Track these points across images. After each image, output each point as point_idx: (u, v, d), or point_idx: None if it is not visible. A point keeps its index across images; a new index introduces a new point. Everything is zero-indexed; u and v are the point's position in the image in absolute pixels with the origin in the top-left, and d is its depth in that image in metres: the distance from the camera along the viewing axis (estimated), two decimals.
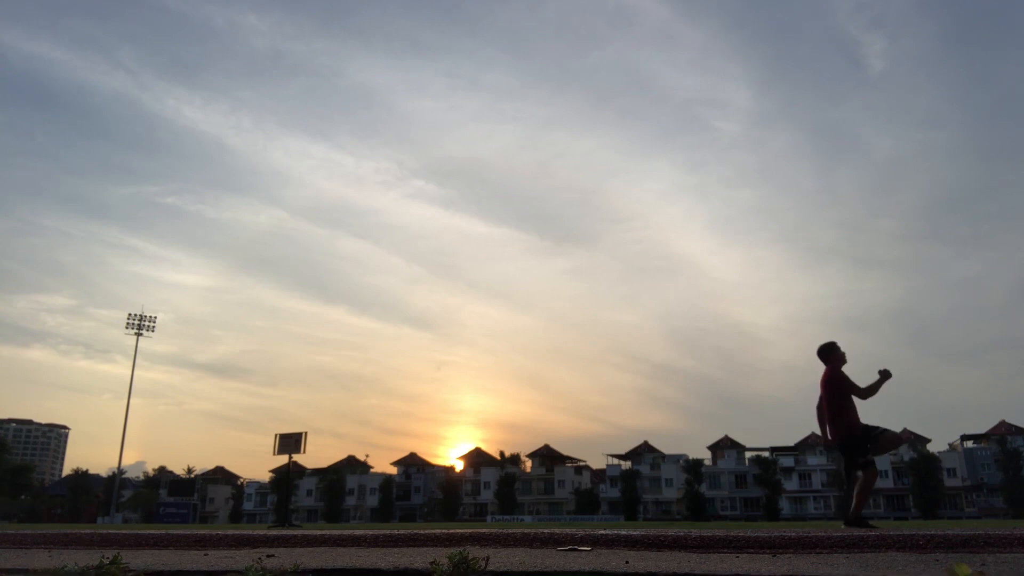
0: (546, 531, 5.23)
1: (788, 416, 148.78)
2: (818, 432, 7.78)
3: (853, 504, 6.94)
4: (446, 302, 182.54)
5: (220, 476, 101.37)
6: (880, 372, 7.08)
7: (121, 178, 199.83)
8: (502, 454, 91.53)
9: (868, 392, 7.06)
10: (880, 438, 7.12)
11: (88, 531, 8.42)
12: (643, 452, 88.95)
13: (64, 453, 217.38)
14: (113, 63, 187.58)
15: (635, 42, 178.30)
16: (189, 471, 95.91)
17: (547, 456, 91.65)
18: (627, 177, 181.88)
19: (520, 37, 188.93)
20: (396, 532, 5.59)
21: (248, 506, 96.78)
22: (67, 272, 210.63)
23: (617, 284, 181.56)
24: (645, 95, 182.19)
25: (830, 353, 7.31)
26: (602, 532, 5.16)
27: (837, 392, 7.10)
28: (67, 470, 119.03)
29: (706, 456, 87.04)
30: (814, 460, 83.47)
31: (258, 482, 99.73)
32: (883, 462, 79.35)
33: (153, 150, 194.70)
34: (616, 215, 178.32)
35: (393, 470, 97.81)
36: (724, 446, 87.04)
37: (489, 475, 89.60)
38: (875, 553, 3.52)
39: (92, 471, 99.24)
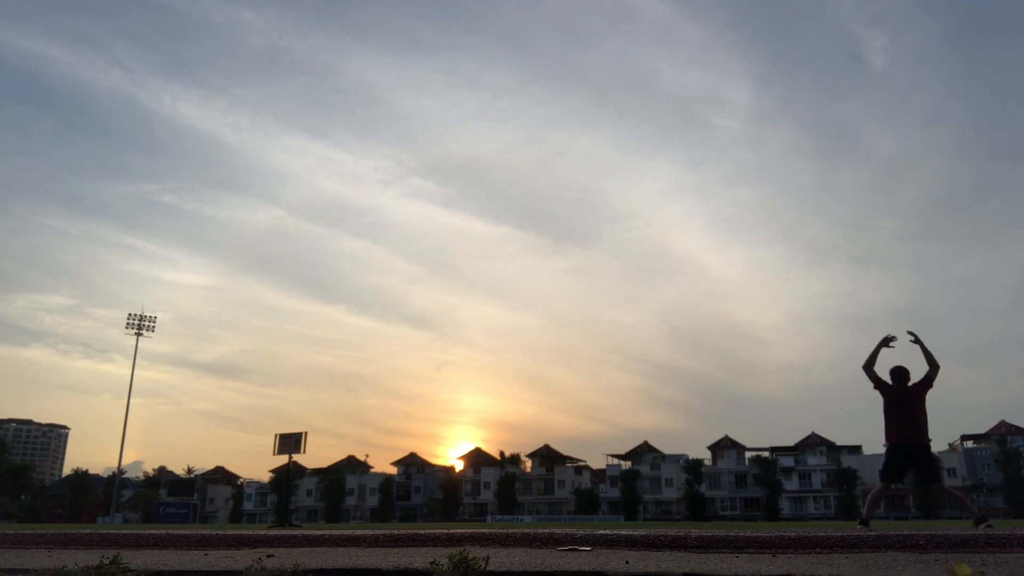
0: (546, 531, 5.23)
1: (788, 416, 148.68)
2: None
3: (977, 516, 7.51)
4: (445, 301, 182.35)
5: (220, 476, 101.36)
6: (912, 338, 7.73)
7: (119, 176, 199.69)
8: (502, 454, 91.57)
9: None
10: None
11: (88, 531, 8.42)
12: (643, 452, 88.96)
13: (64, 453, 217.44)
14: (109, 60, 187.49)
15: (635, 39, 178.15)
16: (189, 471, 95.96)
17: (547, 456, 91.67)
18: (627, 175, 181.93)
19: (519, 34, 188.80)
20: (396, 532, 5.59)
21: (248, 506, 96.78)
22: (65, 271, 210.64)
23: (617, 284, 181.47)
24: (645, 92, 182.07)
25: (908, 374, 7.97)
26: (602, 532, 5.16)
27: (924, 403, 7.74)
28: (67, 470, 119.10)
29: (706, 456, 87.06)
30: (814, 460, 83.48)
31: (258, 482, 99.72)
32: (883, 461, 79.32)
33: (151, 148, 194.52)
34: (616, 214, 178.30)
35: (393, 470, 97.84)
36: (724, 446, 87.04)
37: (489, 475, 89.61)
38: (875, 553, 3.52)
39: (92, 471, 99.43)
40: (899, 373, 7.97)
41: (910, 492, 74.98)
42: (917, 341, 7.70)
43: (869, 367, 7.96)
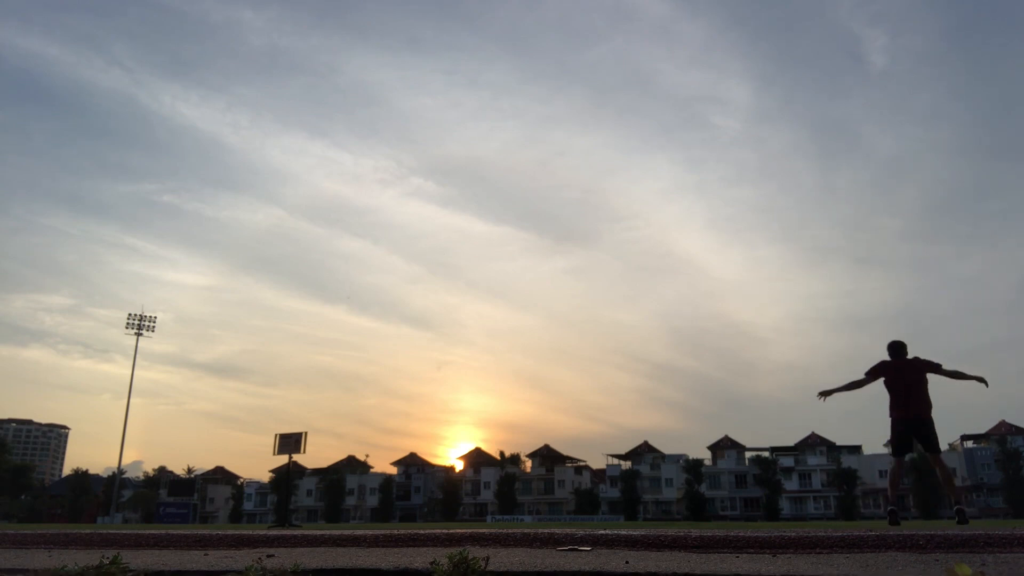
0: (546, 531, 5.23)
1: (788, 416, 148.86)
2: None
3: (956, 496, 7.53)
4: (445, 301, 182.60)
5: (220, 476, 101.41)
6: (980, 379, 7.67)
7: (119, 176, 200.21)
8: (502, 454, 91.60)
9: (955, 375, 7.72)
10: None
11: (88, 531, 8.42)
12: (643, 452, 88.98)
13: (64, 453, 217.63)
14: (109, 60, 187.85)
15: (635, 39, 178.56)
16: (189, 471, 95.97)
17: (547, 456, 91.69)
18: (627, 175, 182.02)
19: (519, 34, 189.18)
20: (396, 532, 5.59)
21: (248, 506, 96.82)
22: (65, 271, 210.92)
23: (617, 283, 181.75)
24: (645, 92, 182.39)
25: (905, 347, 8.03)
26: (602, 532, 5.16)
27: (925, 376, 7.74)
28: (67, 470, 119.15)
29: (706, 456, 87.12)
30: (814, 460, 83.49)
31: (258, 482, 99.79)
32: (883, 461, 79.36)
33: (151, 148, 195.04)
34: (616, 214, 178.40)
35: (393, 470, 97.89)
36: (724, 446, 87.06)
37: (489, 475, 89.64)
38: (875, 553, 3.52)
39: (92, 471, 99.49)
40: (896, 347, 7.98)
41: (910, 492, 75.03)
42: (975, 380, 7.64)
43: (853, 387, 8.01)
